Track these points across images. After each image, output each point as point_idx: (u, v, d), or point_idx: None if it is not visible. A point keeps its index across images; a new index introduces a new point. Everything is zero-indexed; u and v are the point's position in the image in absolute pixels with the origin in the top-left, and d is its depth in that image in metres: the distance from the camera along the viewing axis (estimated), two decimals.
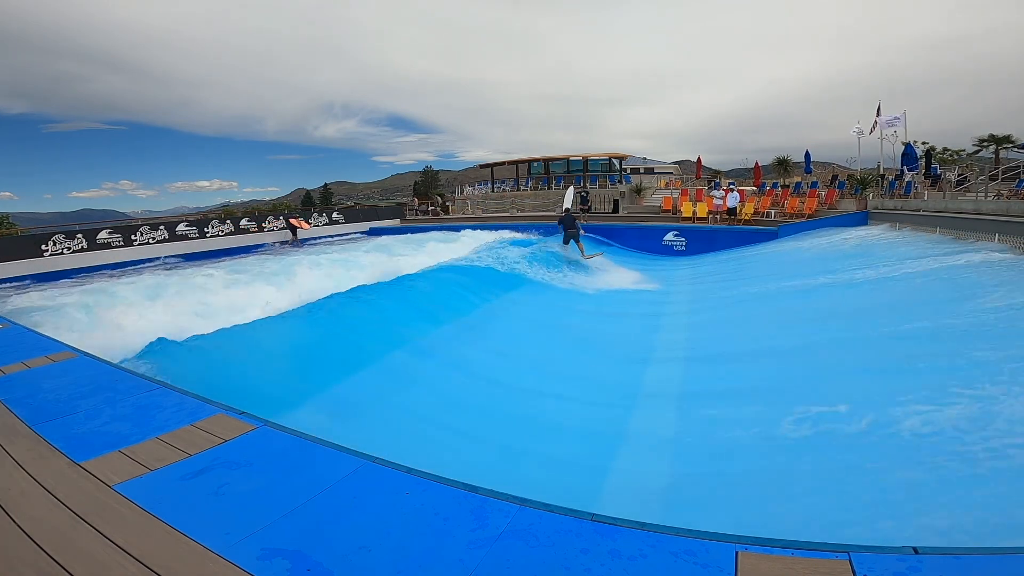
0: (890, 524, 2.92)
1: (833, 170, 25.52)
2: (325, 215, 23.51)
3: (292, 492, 2.07)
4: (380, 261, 12.47)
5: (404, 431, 4.85)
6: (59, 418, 2.88)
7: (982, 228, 9.58)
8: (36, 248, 14.52)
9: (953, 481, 3.13)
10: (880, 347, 5.51)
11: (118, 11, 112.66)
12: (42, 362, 3.96)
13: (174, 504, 2.01)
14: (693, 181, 24.92)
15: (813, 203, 16.82)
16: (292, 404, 4.91)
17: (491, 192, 26.86)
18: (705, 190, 19.35)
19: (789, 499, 3.40)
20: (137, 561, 1.67)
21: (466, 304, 8.87)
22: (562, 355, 7.15)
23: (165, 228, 17.66)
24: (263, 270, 11.50)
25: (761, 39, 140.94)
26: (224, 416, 2.82)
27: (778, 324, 7.34)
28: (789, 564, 1.48)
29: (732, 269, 12.52)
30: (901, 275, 8.13)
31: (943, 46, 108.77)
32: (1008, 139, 24.10)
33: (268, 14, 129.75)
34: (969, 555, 1.46)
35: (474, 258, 12.20)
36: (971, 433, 3.50)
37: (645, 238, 16.86)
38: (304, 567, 1.62)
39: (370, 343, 6.67)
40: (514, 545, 1.68)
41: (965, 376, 4.29)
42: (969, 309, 5.79)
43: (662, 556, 1.58)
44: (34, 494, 2.13)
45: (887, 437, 3.71)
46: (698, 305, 9.45)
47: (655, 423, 4.84)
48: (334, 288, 8.47)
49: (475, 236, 17.17)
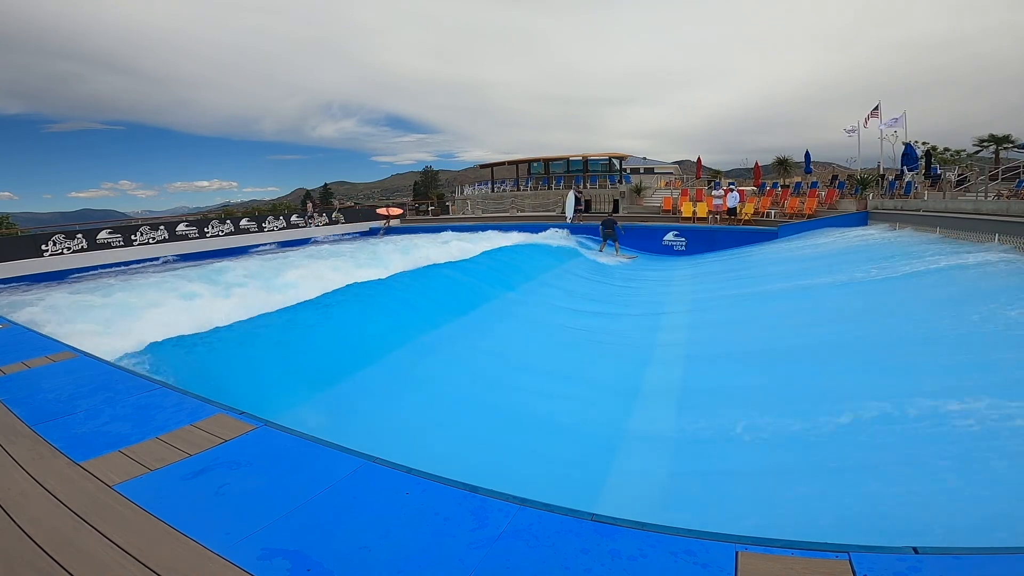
0: (890, 524, 2.92)
1: (833, 170, 25.56)
2: (325, 215, 23.58)
3: (292, 492, 2.07)
4: (378, 260, 12.46)
5: (404, 431, 4.85)
6: (59, 418, 2.88)
7: (982, 228, 9.58)
8: (36, 248, 14.51)
9: (954, 481, 3.13)
10: (880, 347, 5.51)
11: (116, 11, 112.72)
12: (42, 362, 3.96)
13: (174, 504, 2.01)
14: (693, 181, 24.93)
15: (813, 203, 16.83)
16: (292, 404, 4.91)
17: (491, 192, 26.85)
18: (705, 190, 19.36)
19: (789, 499, 3.40)
20: (137, 561, 1.67)
21: (465, 304, 8.87)
22: (562, 355, 7.15)
23: (165, 228, 17.66)
24: (264, 270, 11.49)
25: (761, 39, 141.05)
26: (224, 416, 2.82)
27: (778, 324, 7.35)
28: (789, 564, 1.48)
29: (732, 269, 12.52)
30: (901, 275, 8.13)
31: (943, 46, 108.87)
32: (1008, 139, 24.10)
33: (267, 14, 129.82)
34: (969, 555, 1.46)
35: (474, 258, 12.20)
36: (971, 433, 3.50)
37: (645, 238, 16.86)
38: (304, 567, 1.62)
39: (370, 342, 6.67)
40: (514, 545, 1.68)
41: (966, 376, 4.29)
42: (969, 309, 5.78)
43: (662, 556, 1.58)
44: (34, 494, 2.13)
45: (887, 437, 3.71)
46: (698, 305, 9.45)
47: (655, 423, 4.84)
48: (332, 287, 8.47)
49: (474, 237, 17.17)
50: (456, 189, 31.71)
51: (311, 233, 21.70)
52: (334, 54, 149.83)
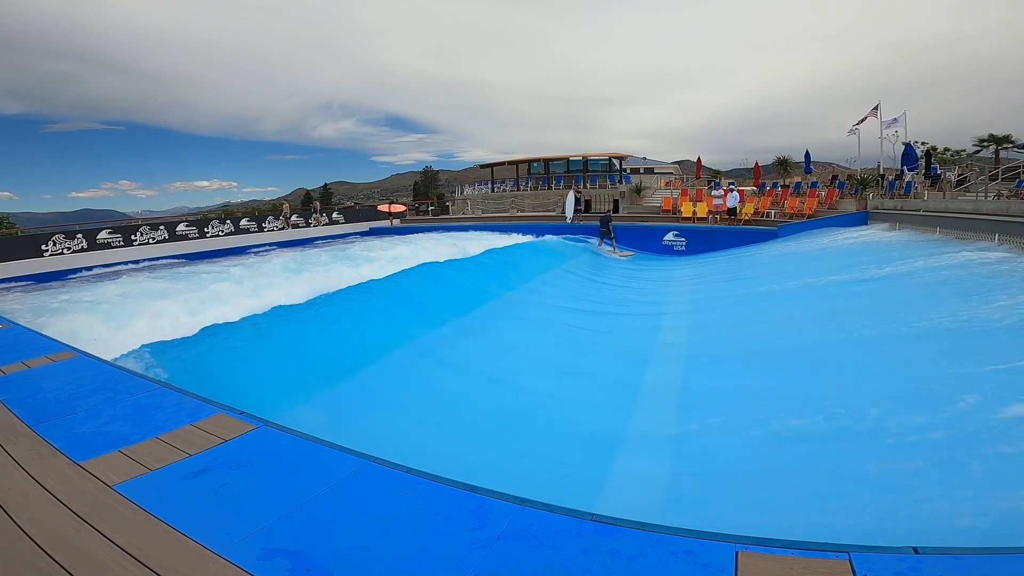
0: (890, 524, 2.92)
1: (833, 170, 25.56)
2: (325, 215, 23.56)
3: (292, 492, 2.07)
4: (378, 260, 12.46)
5: (404, 431, 4.85)
6: (59, 418, 2.88)
7: (982, 228, 9.59)
8: (36, 248, 14.50)
9: (954, 481, 3.13)
10: (880, 347, 5.51)
11: (116, 11, 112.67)
12: (42, 362, 3.96)
13: (174, 504, 2.01)
14: (693, 181, 24.94)
15: (813, 203, 16.83)
16: (292, 404, 4.91)
17: (491, 192, 26.85)
18: (705, 190, 19.36)
19: (789, 499, 3.40)
20: (137, 561, 1.67)
21: (466, 304, 8.87)
22: (562, 354, 7.15)
23: (165, 228, 17.66)
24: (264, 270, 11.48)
25: (761, 39, 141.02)
26: (224, 416, 2.82)
27: (778, 324, 7.34)
28: (789, 564, 1.48)
29: (732, 269, 12.52)
30: (901, 275, 8.13)
31: (943, 45, 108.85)
32: (1008, 139, 24.09)
33: (267, 14, 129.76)
34: (969, 555, 1.46)
35: (474, 257, 12.20)
36: (972, 433, 3.50)
37: (645, 238, 16.87)
38: (304, 567, 1.62)
39: (370, 342, 6.67)
40: (514, 545, 1.68)
41: (966, 376, 4.29)
42: (970, 309, 5.78)
43: (662, 556, 1.57)
44: (34, 494, 2.13)
45: (887, 437, 3.71)
46: (698, 305, 9.45)
47: (655, 423, 4.84)
48: (332, 287, 8.47)
49: (474, 237, 17.18)
50: (456, 189, 31.70)
51: (311, 233, 21.72)
52: (334, 54, 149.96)
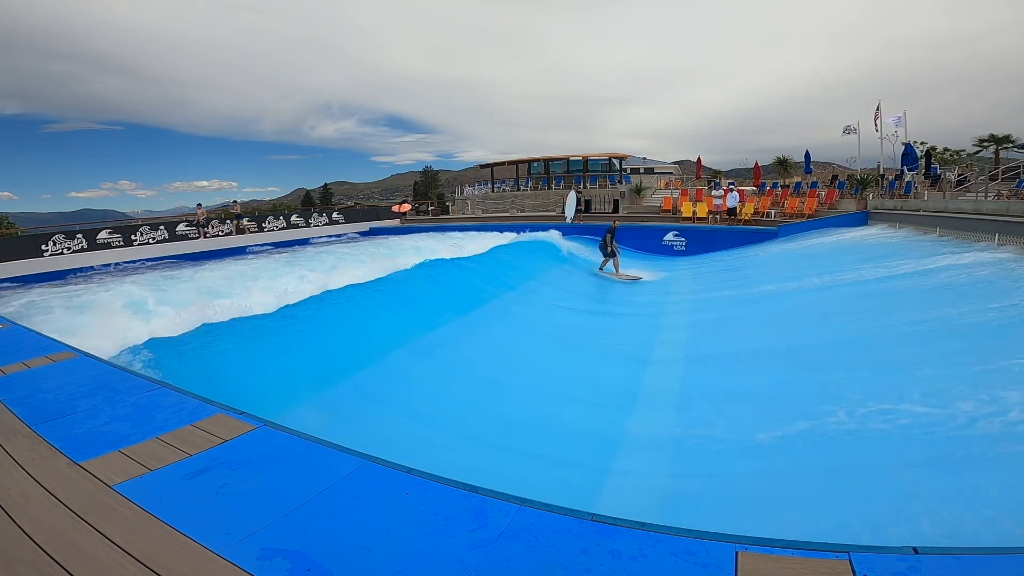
0: (890, 524, 2.92)
1: (833, 170, 25.55)
2: (325, 215, 23.54)
3: (292, 492, 2.07)
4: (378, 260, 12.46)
5: (404, 431, 4.85)
6: (59, 418, 2.87)
7: (982, 228, 9.59)
8: (36, 248, 14.51)
9: (954, 481, 3.13)
10: (880, 347, 5.51)
11: (115, 11, 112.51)
12: (42, 362, 3.96)
13: (174, 504, 2.01)
14: (693, 181, 24.94)
15: (813, 203, 16.82)
16: (292, 404, 4.91)
17: (491, 192, 26.85)
18: (705, 190, 19.36)
19: (789, 499, 3.40)
20: (137, 561, 1.67)
21: (466, 303, 8.87)
22: (562, 355, 7.15)
23: (165, 228, 17.67)
24: (264, 269, 11.49)
25: (761, 38, 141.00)
26: (224, 416, 2.81)
27: (778, 324, 7.35)
28: (789, 564, 1.48)
29: (732, 269, 12.52)
30: (901, 275, 8.13)
31: (944, 45, 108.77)
32: (1008, 139, 24.06)
33: (265, 14, 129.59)
34: (969, 555, 1.46)
35: (474, 257, 12.20)
36: (972, 433, 3.50)
37: (645, 238, 16.85)
38: (304, 567, 1.62)
39: (370, 342, 6.67)
40: (514, 545, 1.68)
41: (966, 376, 4.29)
42: (970, 309, 5.79)
43: (662, 556, 1.57)
44: (34, 494, 2.13)
45: (887, 437, 3.71)
46: (698, 305, 9.45)
47: (655, 423, 4.84)
48: (333, 286, 8.47)
49: (474, 237, 17.18)
50: (456, 189, 31.69)
51: (311, 233, 21.71)
52: (333, 54, 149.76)
